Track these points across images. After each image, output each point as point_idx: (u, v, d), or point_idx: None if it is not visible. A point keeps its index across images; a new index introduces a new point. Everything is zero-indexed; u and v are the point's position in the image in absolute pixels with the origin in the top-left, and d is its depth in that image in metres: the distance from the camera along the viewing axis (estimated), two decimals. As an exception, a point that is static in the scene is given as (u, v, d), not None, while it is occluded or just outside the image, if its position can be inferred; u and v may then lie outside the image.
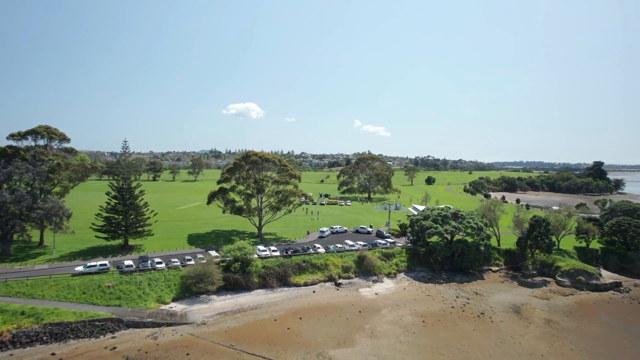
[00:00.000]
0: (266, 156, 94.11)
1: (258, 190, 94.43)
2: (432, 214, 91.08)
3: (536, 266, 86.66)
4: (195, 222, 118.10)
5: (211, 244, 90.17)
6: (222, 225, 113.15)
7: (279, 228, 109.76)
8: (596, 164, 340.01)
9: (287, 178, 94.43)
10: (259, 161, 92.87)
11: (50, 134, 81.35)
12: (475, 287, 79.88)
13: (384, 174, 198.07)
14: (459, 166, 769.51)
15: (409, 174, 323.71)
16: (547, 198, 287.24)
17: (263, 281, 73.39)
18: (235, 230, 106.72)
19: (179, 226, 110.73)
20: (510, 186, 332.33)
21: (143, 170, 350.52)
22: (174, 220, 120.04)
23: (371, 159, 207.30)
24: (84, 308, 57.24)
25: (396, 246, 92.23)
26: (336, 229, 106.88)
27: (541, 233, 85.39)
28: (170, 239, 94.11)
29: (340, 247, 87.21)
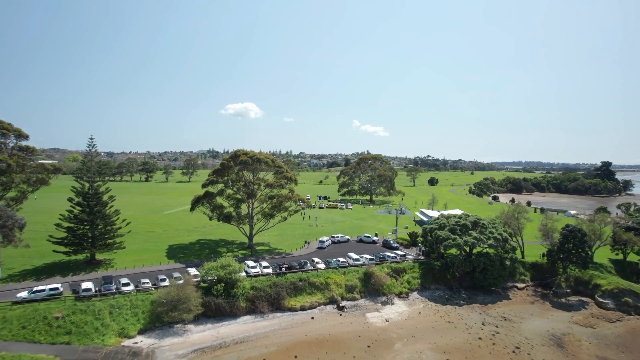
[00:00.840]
0: (258, 156, 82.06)
1: (248, 194, 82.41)
2: (449, 223, 79.19)
3: (570, 283, 74.87)
4: (180, 229, 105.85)
5: (194, 257, 78.02)
6: (209, 233, 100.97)
7: (273, 237, 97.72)
8: (604, 164, 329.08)
9: (281, 181, 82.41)
10: (250, 162, 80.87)
11: (2, 130, 69.01)
12: (502, 309, 68.02)
13: (387, 175, 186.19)
14: (458, 166, 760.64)
15: (411, 174, 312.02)
16: (555, 200, 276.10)
17: (251, 305, 61.32)
18: (224, 240, 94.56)
19: (160, 235, 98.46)
20: (516, 187, 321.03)
21: (135, 170, 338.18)
22: (156, 228, 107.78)
23: (373, 159, 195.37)
24: (20, 348, 45.06)
25: (407, 259, 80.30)
26: (337, 238, 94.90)
27: (576, 245, 73.56)
28: (147, 251, 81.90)
29: (342, 261, 75.24)
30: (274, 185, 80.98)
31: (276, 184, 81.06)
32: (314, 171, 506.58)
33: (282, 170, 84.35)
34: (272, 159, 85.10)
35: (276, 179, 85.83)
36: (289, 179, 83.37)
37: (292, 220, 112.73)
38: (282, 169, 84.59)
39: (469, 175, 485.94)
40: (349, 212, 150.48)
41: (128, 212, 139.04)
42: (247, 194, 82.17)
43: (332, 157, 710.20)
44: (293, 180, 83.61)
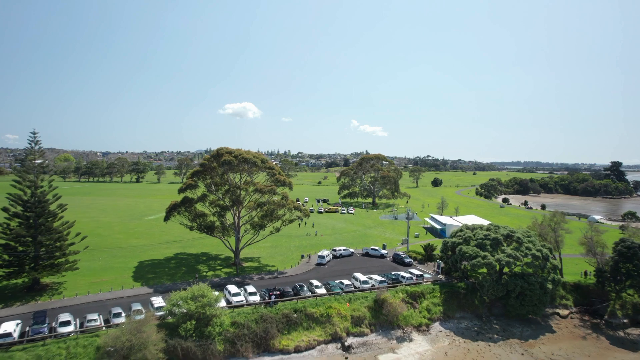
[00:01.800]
0: (244, 155, 68.10)
1: (234, 201, 68.50)
2: (475, 236, 65.45)
3: (627, 312, 61.17)
4: (158, 241, 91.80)
5: (166, 278, 64.03)
6: (190, 245, 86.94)
7: (265, 250, 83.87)
8: (614, 164, 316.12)
9: (273, 185, 68.51)
10: (234, 162, 67.00)
11: None
12: (548, 347, 54.34)
13: (391, 176, 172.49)
14: (458, 166, 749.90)
15: (414, 175, 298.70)
16: (566, 201, 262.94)
17: (231, 348, 47.40)
18: (206, 254, 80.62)
19: (133, 248, 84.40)
20: (523, 188, 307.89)
21: (125, 171, 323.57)
22: (131, 238, 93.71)
23: (376, 158, 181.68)
24: None
25: (424, 280, 66.52)
26: (340, 252, 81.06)
27: (637, 265, 59.82)
28: (111, 270, 67.85)
29: (347, 284, 61.31)
30: (264, 190, 67.01)
31: (266, 189, 67.09)
32: (312, 171, 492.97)
33: (274, 172, 70.46)
34: (263, 159, 71.18)
35: (267, 182, 72.04)
36: (282, 182, 69.47)
37: (288, 229, 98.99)
38: (274, 171, 70.70)
39: (471, 176, 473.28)
40: (350, 217, 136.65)
41: (105, 218, 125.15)
42: (233, 201, 68.24)
43: (330, 157, 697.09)
44: (287, 184, 69.66)
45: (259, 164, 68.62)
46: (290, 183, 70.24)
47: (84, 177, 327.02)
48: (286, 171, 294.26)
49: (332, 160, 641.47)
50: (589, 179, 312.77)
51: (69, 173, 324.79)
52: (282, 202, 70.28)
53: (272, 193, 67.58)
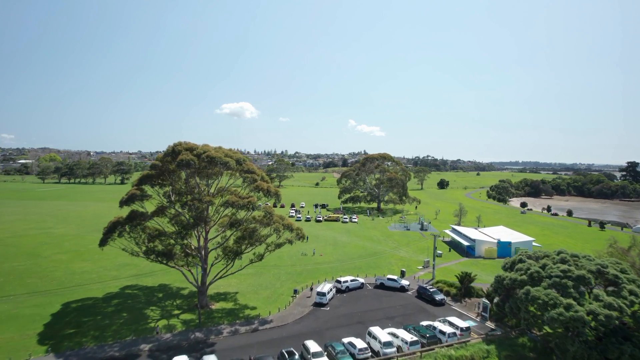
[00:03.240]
0: (211, 154, 47.05)
1: (196, 218, 47.59)
2: (547, 270, 44.74)
3: None
4: (108, 264, 70.82)
5: (91, 336, 43.12)
6: (149, 273, 65.95)
7: (245, 280, 63.07)
8: (630, 165, 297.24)
9: (250, 197, 47.62)
10: (194, 162, 46.07)
11: None
12: None
13: (399, 178, 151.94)
14: (458, 166, 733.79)
15: (419, 176, 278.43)
16: (582, 205, 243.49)
17: None
18: (165, 288, 59.75)
19: (69, 277, 63.41)
20: (534, 190, 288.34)
21: (109, 171, 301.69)
22: (75, 260, 72.83)
23: (381, 158, 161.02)
24: None
25: (471, 334, 45.97)
26: (346, 284, 60.19)
27: None
28: (11, 321, 46.75)
29: (361, 348, 40.42)
30: (237, 203, 46.09)
31: (240, 202, 46.16)
32: (309, 172, 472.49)
33: (255, 177, 49.46)
34: (240, 159, 50.19)
35: (246, 191, 51.24)
36: (266, 191, 48.51)
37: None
38: (255, 176, 49.67)
39: (475, 177, 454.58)
40: (354, 227, 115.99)
41: (60, 229, 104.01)
42: (194, 218, 47.33)
43: (328, 157, 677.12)
44: (272, 194, 48.70)
45: (232, 166, 47.63)
46: (276, 192, 49.30)
47: (65, 178, 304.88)
48: (282, 172, 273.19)
49: (329, 160, 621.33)
50: (604, 180, 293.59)
51: (48, 174, 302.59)
52: (266, 220, 49.50)
53: (249, 207, 46.60)
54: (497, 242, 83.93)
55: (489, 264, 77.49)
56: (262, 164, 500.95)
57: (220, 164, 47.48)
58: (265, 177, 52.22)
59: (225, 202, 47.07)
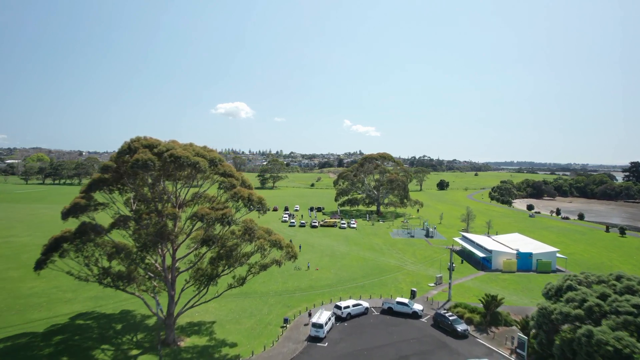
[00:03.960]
0: (175, 152, 36.40)
1: (156, 235, 36.83)
2: (613, 305, 34.62)
3: None
4: (64, 283, 59.80)
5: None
6: (110, 295, 54.84)
7: (226, 305, 52.48)
8: (634, 165, 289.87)
9: (226, 208, 37.00)
10: (151, 164, 35.43)
11: None
12: None
13: (400, 179, 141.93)
14: (454, 166, 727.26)
15: (418, 176, 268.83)
16: (588, 207, 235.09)
17: None
18: (127, 315, 49.02)
19: (13, 301, 52.48)
20: (536, 191, 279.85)
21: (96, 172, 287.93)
22: (27, 277, 61.93)
23: (381, 158, 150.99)
24: None
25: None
26: (347, 310, 49.80)
27: None
28: None
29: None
30: (209, 217, 35.44)
31: (212, 216, 35.54)
32: (304, 172, 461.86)
33: (233, 182, 38.77)
34: (214, 159, 39.61)
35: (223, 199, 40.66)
36: (246, 200, 37.87)
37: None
38: (232, 180, 38.96)
39: (473, 177, 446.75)
40: (353, 233, 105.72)
41: (25, 237, 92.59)
42: (154, 235, 36.61)
43: (324, 157, 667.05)
44: (254, 202, 38.01)
45: (203, 167, 37.00)
46: (260, 201, 38.66)
47: (50, 179, 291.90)
48: (276, 172, 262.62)
49: (325, 160, 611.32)
50: (607, 181, 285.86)
51: (32, 174, 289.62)
52: (249, 236, 38.99)
53: (225, 221, 35.96)
54: (516, 252, 74.02)
55: (509, 279, 67.54)
56: (256, 164, 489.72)
57: (187, 165, 36.85)
58: (247, 182, 41.68)
59: (193, 214, 36.38)
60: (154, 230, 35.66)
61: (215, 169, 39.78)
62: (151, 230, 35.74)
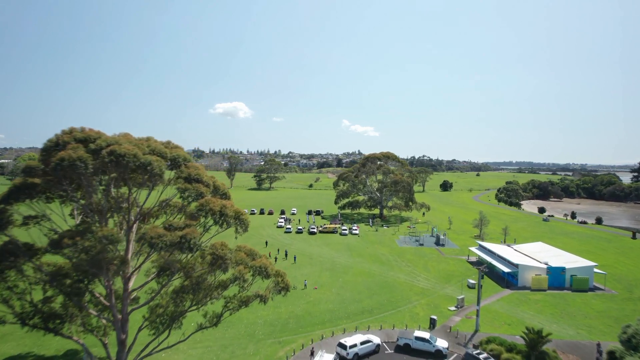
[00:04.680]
0: (117, 149, 26.00)
1: (90, 264, 26.26)
2: None
3: None
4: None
5: None
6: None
7: (200, 342, 41.82)
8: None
9: (189, 228, 26.56)
10: (81, 166, 24.99)
11: None
12: None
13: (405, 180, 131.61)
14: (454, 166, 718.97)
15: (420, 177, 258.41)
16: (597, 208, 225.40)
17: None
18: (74, 357, 38.48)
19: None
20: (543, 192, 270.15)
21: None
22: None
23: (384, 157, 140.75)
24: None
25: None
26: (354, 349, 39.37)
27: None
28: None
29: None
30: (161, 240, 25.01)
31: (167, 239, 25.12)
32: (303, 172, 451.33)
33: (201, 189, 28.31)
34: (176, 158, 29.31)
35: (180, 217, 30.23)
36: (218, 214, 27.49)
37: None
38: (201, 187, 28.50)
39: (475, 177, 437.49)
40: (355, 241, 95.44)
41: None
42: (90, 264, 26.10)
43: (322, 157, 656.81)
44: (228, 217, 27.60)
45: (156, 170, 26.63)
46: (237, 215, 28.31)
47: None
48: (272, 172, 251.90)
49: (324, 160, 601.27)
50: (615, 182, 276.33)
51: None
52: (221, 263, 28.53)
53: (184, 246, 25.50)
54: (546, 267, 63.85)
55: (542, 300, 57.35)
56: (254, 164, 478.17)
57: (136, 167, 26.42)
58: (222, 189, 31.30)
59: (141, 237, 25.93)
60: (86, 258, 25.19)
61: (180, 172, 29.33)
62: (82, 258, 25.28)
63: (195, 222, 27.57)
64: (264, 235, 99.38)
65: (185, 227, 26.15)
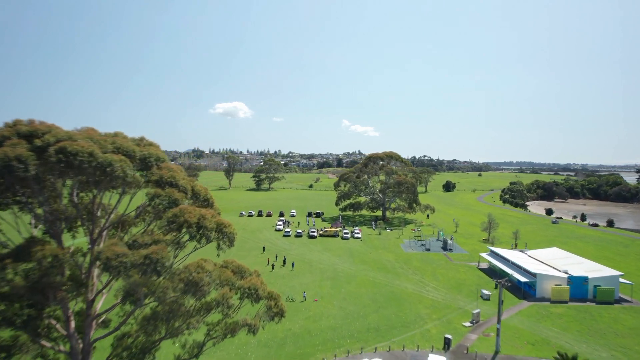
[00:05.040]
0: (68, 146, 20.84)
1: (30, 291, 20.97)
2: None
3: None
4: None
5: None
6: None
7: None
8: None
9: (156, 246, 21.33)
10: (19, 168, 19.73)
11: None
12: None
13: (409, 181, 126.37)
14: (454, 166, 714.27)
15: (423, 177, 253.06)
16: (605, 210, 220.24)
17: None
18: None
19: None
20: (547, 193, 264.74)
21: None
22: None
23: (387, 157, 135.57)
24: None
25: None
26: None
27: None
28: None
29: None
30: (121, 262, 19.79)
31: (128, 260, 19.86)
32: (303, 172, 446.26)
33: (174, 195, 23.08)
34: (146, 157, 24.07)
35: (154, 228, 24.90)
36: (195, 227, 22.27)
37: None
38: (174, 193, 23.28)
39: (477, 177, 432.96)
40: (358, 245, 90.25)
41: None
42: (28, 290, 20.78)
43: (322, 157, 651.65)
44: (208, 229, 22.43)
45: (118, 172, 21.44)
46: (220, 228, 23.16)
47: None
48: (272, 173, 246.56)
49: (324, 160, 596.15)
50: (621, 182, 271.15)
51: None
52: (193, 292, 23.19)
53: (148, 269, 20.29)
54: (567, 277, 58.58)
55: (565, 314, 52.08)
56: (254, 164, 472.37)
57: (92, 169, 21.16)
58: (204, 195, 26.02)
59: (96, 257, 20.67)
60: (23, 284, 19.92)
61: (150, 175, 24.06)
62: (19, 283, 20.01)
63: (168, 236, 22.31)
64: (262, 240, 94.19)
65: (152, 244, 20.89)
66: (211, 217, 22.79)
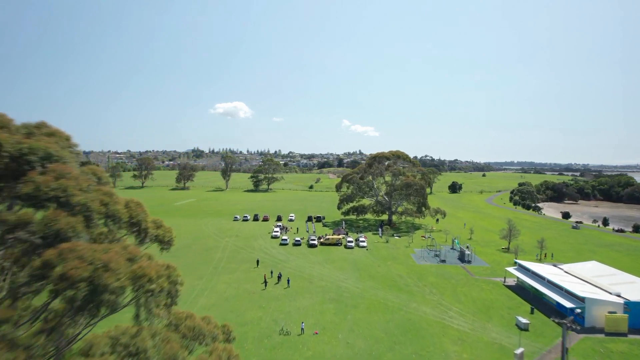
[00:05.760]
0: None
1: None
2: None
3: None
4: None
5: None
6: None
7: None
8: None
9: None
10: None
11: None
12: None
13: (417, 183, 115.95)
14: (456, 166, 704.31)
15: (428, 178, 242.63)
16: (620, 212, 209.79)
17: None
18: None
19: None
20: (557, 194, 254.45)
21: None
22: None
23: (393, 157, 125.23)
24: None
25: None
26: None
27: None
28: None
29: None
30: None
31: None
32: (303, 172, 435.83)
33: (57, 220, 12.97)
34: (26, 153, 13.90)
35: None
36: (87, 291, 12.15)
37: (238, 305, 42.69)
38: (61, 215, 13.20)
39: (481, 178, 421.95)
40: (363, 256, 79.88)
41: None
42: None
43: (323, 157, 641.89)
44: (113, 294, 12.50)
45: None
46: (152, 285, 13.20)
47: None
48: (270, 173, 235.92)
49: (324, 160, 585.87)
50: (634, 183, 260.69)
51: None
52: None
53: None
54: (623, 302, 48.17)
55: (630, 353, 41.67)
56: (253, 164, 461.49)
57: None
58: (128, 216, 15.65)
59: None
60: None
61: (20, 182, 13.74)
62: None
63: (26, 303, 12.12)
64: (256, 249, 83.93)
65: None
66: (125, 264, 12.47)
